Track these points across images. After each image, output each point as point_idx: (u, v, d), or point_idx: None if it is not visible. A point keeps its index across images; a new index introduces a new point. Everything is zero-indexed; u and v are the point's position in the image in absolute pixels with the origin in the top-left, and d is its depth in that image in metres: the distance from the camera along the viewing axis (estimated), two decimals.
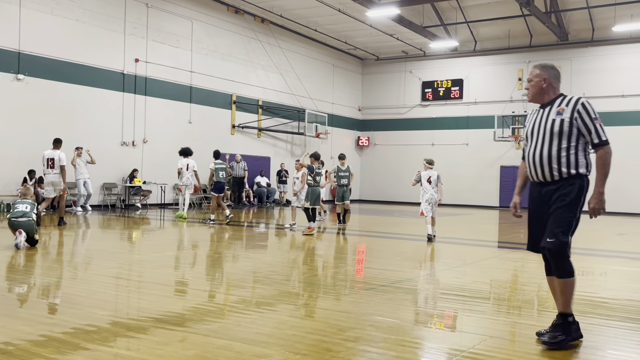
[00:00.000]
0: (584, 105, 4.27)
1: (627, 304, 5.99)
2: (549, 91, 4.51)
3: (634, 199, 24.48)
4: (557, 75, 4.55)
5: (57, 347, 3.94)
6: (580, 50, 25.83)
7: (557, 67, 4.62)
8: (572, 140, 4.26)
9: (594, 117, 4.24)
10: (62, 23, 17.35)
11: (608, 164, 4.26)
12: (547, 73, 4.51)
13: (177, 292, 6.20)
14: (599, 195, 4.25)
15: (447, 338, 4.63)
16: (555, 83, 4.52)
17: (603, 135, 4.24)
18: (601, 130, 4.24)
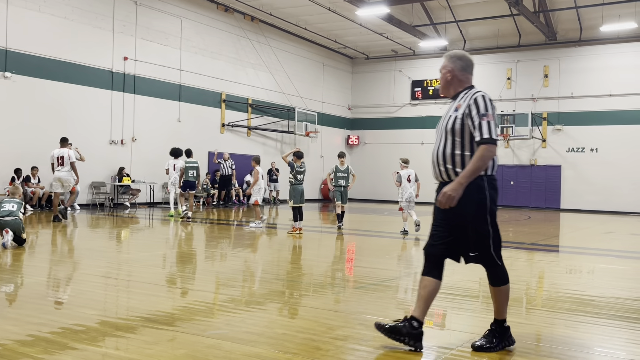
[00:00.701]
0: (476, 99, 3.95)
1: (614, 301, 6.04)
2: (454, 84, 4.18)
3: (621, 198, 24.69)
4: (465, 66, 4.16)
5: (44, 347, 3.91)
6: (569, 49, 26.00)
7: (468, 57, 4.21)
8: (466, 139, 3.97)
9: (483, 114, 3.89)
10: (50, 20, 17.22)
11: (484, 162, 3.86)
12: (453, 64, 4.16)
13: (167, 292, 6.18)
14: (456, 185, 3.87)
15: (436, 336, 4.65)
16: (461, 75, 4.16)
17: (487, 133, 3.87)
18: (486, 128, 3.88)
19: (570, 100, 26.00)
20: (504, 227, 16.04)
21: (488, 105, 3.94)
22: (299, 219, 12.23)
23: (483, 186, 3.96)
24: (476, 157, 3.87)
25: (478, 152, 3.87)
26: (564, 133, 26.19)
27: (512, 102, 27.01)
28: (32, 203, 16.43)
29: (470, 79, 4.19)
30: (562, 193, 26.15)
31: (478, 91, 4.04)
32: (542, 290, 6.89)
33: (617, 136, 24.99)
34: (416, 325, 4.05)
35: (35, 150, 16.91)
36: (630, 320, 5.13)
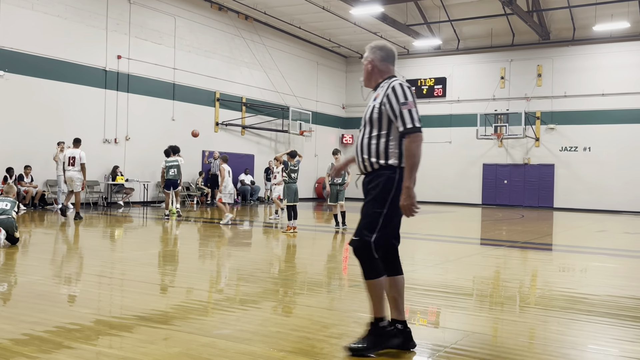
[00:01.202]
0: (394, 88, 3.81)
1: (607, 299, 6.08)
2: (374, 74, 4.06)
3: (614, 197, 24.82)
4: (385, 57, 4.04)
5: (38, 346, 3.91)
6: (562, 49, 26.10)
7: (389, 47, 4.08)
8: (384, 128, 3.83)
9: (403, 102, 3.75)
10: (43, 19, 17.15)
11: (415, 155, 3.72)
12: (373, 55, 4.05)
13: (161, 290, 6.18)
14: (406, 190, 3.73)
15: (430, 334, 4.67)
16: (382, 65, 4.03)
17: (410, 122, 3.72)
18: (408, 116, 3.72)
19: (563, 100, 26.10)
20: (497, 226, 16.10)
21: (407, 92, 3.80)
22: (293, 218, 12.23)
23: (394, 178, 3.83)
24: (406, 154, 3.74)
25: (405, 147, 3.74)
26: (557, 132, 26.29)
27: (505, 101, 27.10)
28: (25, 202, 16.36)
29: (391, 69, 4.05)
30: (555, 192, 26.26)
31: (396, 79, 3.91)
32: (535, 288, 6.93)
33: (610, 135, 25.11)
34: (401, 327, 3.97)
35: (29, 149, 16.86)
36: (623, 318, 5.17)
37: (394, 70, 4.07)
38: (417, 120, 3.75)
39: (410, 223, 16.84)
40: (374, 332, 3.89)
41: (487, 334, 4.65)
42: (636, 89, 24.59)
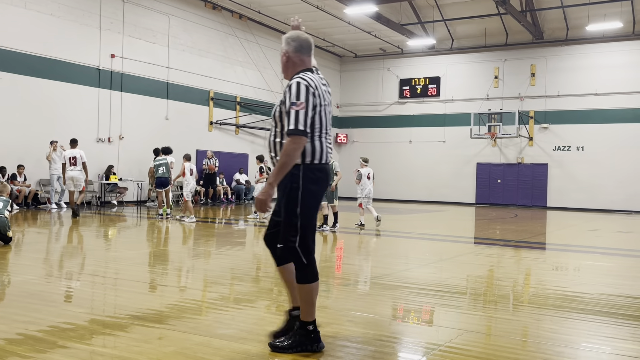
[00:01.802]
0: (290, 86, 3.72)
1: (600, 297, 6.11)
2: (289, 67, 3.94)
3: (607, 196, 24.94)
4: (299, 48, 3.92)
5: (32, 345, 3.89)
6: (555, 49, 26.20)
7: (303, 38, 3.95)
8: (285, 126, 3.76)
9: (292, 102, 3.66)
10: (36, 17, 17.07)
11: (289, 156, 3.61)
12: (287, 46, 3.93)
13: (155, 289, 6.17)
14: (267, 186, 3.65)
15: (424, 333, 4.68)
16: (295, 57, 3.91)
17: (293, 123, 3.63)
18: (293, 117, 3.64)
19: (556, 99, 26.20)
20: (491, 225, 16.15)
21: (301, 92, 3.68)
22: None
23: (298, 175, 3.74)
24: (282, 152, 3.65)
25: (284, 146, 3.66)
26: (550, 131, 26.39)
27: (499, 100, 27.17)
28: (18, 201, 16.29)
29: (305, 61, 3.94)
30: (548, 191, 26.36)
31: (298, 76, 3.79)
32: (529, 287, 6.95)
33: (603, 135, 25.22)
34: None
35: (21, 148, 16.78)
36: (616, 316, 5.20)
37: (310, 62, 3.97)
38: (302, 123, 3.64)
39: (405, 222, 16.88)
40: (301, 333, 3.85)
41: (481, 332, 4.67)
42: (629, 89, 24.71)
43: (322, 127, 3.83)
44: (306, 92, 3.69)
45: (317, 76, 3.89)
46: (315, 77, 3.85)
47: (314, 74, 3.87)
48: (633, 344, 4.37)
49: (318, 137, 3.80)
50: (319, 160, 3.80)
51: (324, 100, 3.83)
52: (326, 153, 3.86)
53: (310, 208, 3.78)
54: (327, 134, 3.89)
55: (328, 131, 3.90)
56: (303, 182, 3.74)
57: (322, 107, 3.80)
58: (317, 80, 3.83)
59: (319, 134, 3.81)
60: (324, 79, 4.03)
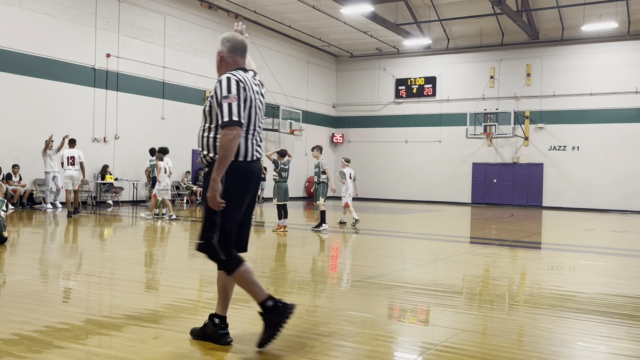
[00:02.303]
0: (220, 81, 3.79)
1: (595, 297, 6.13)
2: (223, 66, 4.03)
3: (602, 196, 25.02)
4: (233, 49, 4.01)
5: (28, 345, 3.88)
6: (551, 49, 26.26)
7: (237, 39, 4.06)
8: (213, 121, 3.83)
9: (225, 95, 3.71)
10: (31, 16, 17.01)
11: (226, 148, 3.65)
12: (222, 46, 4.03)
13: (150, 289, 6.16)
14: (211, 182, 3.68)
15: (420, 332, 4.69)
16: (229, 57, 4.01)
17: (227, 116, 3.68)
18: (227, 110, 3.69)
19: (552, 99, 26.26)
20: (487, 225, 16.16)
21: (232, 86, 3.75)
22: (283, 217, 12.22)
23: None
24: (219, 145, 3.70)
25: (220, 141, 3.70)
26: (546, 131, 26.46)
27: (495, 100, 27.22)
28: (14, 201, 16.24)
29: (239, 61, 4.03)
30: (544, 191, 26.42)
31: (228, 72, 3.88)
32: (524, 286, 6.97)
33: (598, 134, 25.30)
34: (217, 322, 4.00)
35: (17, 148, 16.73)
36: (611, 316, 5.21)
37: (244, 63, 4.06)
38: (235, 114, 3.70)
39: (401, 222, 16.89)
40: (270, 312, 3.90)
41: (477, 331, 4.68)
42: (624, 89, 24.79)
43: (249, 125, 3.88)
44: (237, 86, 3.77)
45: (249, 76, 3.96)
46: (247, 76, 3.93)
47: (246, 74, 3.96)
48: (628, 343, 4.38)
49: (244, 135, 3.84)
50: (243, 157, 3.84)
51: (254, 99, 3.90)
52: (252, 151, 3.91)
53: (231, 206, 3.80)
54: (256, 132, 3.96)
55: (257, 129, 3.96)
56: (225, 179, 3.75)
57: (251, 104, 3.87)
58: (249, 80, 3.91)
59: (245, 132, 3.85)
60: (259, 81, 4.12)
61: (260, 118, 4.02)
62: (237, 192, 3.84)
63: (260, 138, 4.02)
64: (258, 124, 3.97)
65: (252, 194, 4.02)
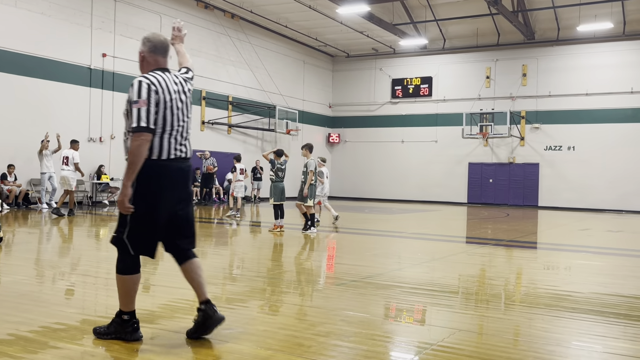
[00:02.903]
0: (132, 85, 3.84)
1: (591, 296, 6.14)
2: (144, 66, 4.07)
3: (597, 196, 25.08)
4: (153, 48, 4.05)
5: (23, 346, 3.87)
6: (546, 49, 26.32)
7: (157, 39, 4.08)
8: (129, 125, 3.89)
9: (135, 100, 3.77)
10: (27, 16, 16.96)
11: (134, 154, 3.73)
12: (143, 46, 4.07)
13: (147, 289, 6.14)
14: (122, 187, 3.79)
15: (416, 332, 4.69)
16: (150, 57, 4.05)
17: (135, 121, 3.74)
18: (136, 116, 3.74)
19: (548, 99, 26.32)
20: (483, 225, 16.18)
21: (142, 90, 3.79)
22: (280, 217, 12.20)
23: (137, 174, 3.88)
24: (129, 150, 3.78)
25: (130, 144, 3.76)
26: (541, 131, 26.51)
27: (491, 100, 27.26)
28: (9, 201, 16.19)
29: (159, 61, 4.07)
30: (539, 191, 26.48)
31: (142, 75, 3.93)
32: (520, 286, 6.98)
33: (594, 135, 25.37)
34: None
35: (12, 148, 16.67)
36: (606, 315, 5.23)
37: (165, 62, 4.10)
38: (144, 119, 3.75)
39: (397, 222, 16.91)
40: (117, 321, 4.01)
41: (473, 331, 4.68)
42: (619, 89, 24.86)
43: (165, 125, 3.89)
44: (147, 90, 3.80)
45: (168, 76, 4.00)
46: (164, 76, 3.96)
47: (165, 74, 3.99)
48: (624, 343, 4.40)
49: (159, 134, 3.87)
50: (157, 156, 3.88)
51: (170, 100, 3.92)
52: (168, 149, 3.92)
53: (146, 203, 3.86)
54: (175, 130, 3.96)
55: (176, 128, 3.96)
56: (139, 177, 3.81)
57: (166, 105, 3.89)
58: (166, 80, 3.95)
59: (161, 132, 3.88)
60: (183, 78, 4.14)
61: (183, 116, 4.04)
62: (150, 190, 3.88)
63: (183, 136, 4.04)
64: (178, 122, 3.98)
65: (177, 192, 4.05)
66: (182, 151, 4.02)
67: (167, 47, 4.12)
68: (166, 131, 3.91)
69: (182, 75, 4.19)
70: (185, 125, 4.05)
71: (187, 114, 4.07)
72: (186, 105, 4.08)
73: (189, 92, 4.15)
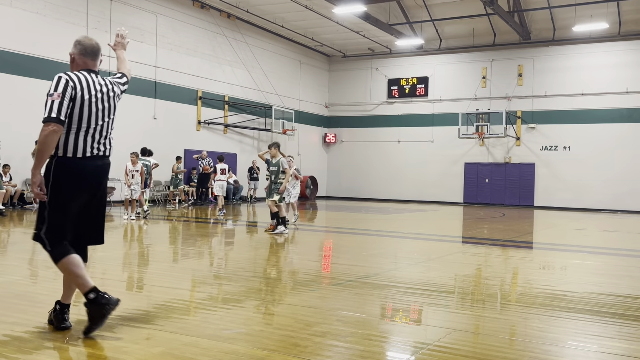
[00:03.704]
0: (53, 79, 4.05)
1: (586, 296, 6.16)
2: (74, 67, 4.28)
3: (593, 195, 25.15)
4: (83, 51, 4.27)
5: (18, 347, 3.85)
6: (542, 49, 26.38)
7: (86, 42, 4.32)
8: None
9: (50, 93, 3.96)
10: (22, 15, 16.91)
11: (42, 143, 3.89)
12: (74, 48, 4.30)
13: (143, 290, 6.13)
14: (31, 175, 3.96)
15: (413, 332, 4.69)
16: (79, 59, 4.27)
17: (47, 112, 3.92)
18: (48, 107, 3.94)
19: (543, 99, 26.38)
20: (479, 225, 16.21)
21: (59, 84, 3.98)
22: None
23: (49, 168, 4.06)
24: (38, 141, 3.94)
25: (39, 135, 3.93)
26: (537, 131, 26.57)
27: (487, 100, 27.31)
28: (4, 201, 16.12)
29: (88, 63, 4.27)
30: (535, 191, 26.53)
31: (64, 72, 4.12)
32: (516, 286, 6.99)
33: (590, 135, 25.44)
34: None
35: (7, 148, 16.59)
36: (602, 315, 5.24)
37: (94, 65, 4.30)
38: (55, 111, 3.90)
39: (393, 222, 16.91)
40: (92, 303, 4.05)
41: (469, 331, 4.69)
42: (615, 89, 24.93)
43: (81, 122, 4.05)
44: (64, 85, 3.99)
45: (93, 77, 4.20)
46: (88, 76, 4.16)
47: (91, 75, 4.19)
48: (619, 342, 4.40)
49: (75, 132, 4.03)
50: (72, 153, 4.03)
51: (89, 98, 4.08)
52: (83, 147, 4.07)
53: (60, 200, 4.01)
54: (93, 129, 4.11)
55: (96, 127, 4.13)
56: (53, 174, 4.01)
57: (83, 103, 4.05)
58: (88, 79, 4.13)
59: (76, 129, 4.04)
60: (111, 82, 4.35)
61: (104, 116, 4.19)
62: (62, 186, 4.02)
63: (103, 135, 4.18)
64: (97, 122, 4.14)
65: (91, 189, 4.17)
66: (99, 149, 4.18)
67: (97, 51, 4.33)
68: (82, 128, 4.06)
69: (114, 79, 4.42)
70: (105, 124, 4.20)
71: (108, 114, 4.24)
72: (110, 107, 4.27)
73: (116, 96, 4.38)
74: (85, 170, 4.10)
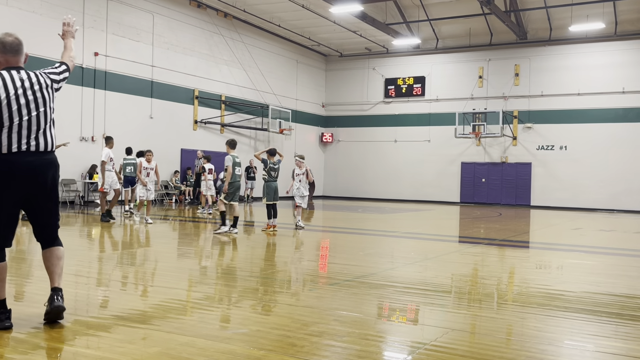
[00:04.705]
0: None
1: (583, 295, 6.17)
2: None
3: (589, 195, 25.20)
4: (3, 48, 4.33)
5: (14, 347, 3.84)
6: (539, 49, 26.42)
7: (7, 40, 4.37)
8: None
9: None
10: (18, 14, 16.85)
11: None
12: None
13: (139, 290, 6.12)
14: None
15: (409, 331, 4.69)
16: (1, 57, 4.34)
17: None
18: None
19: (540, 99, 26.42)
20: (475, 224, 16.23)
21: None
22: (273, 217, 12.18)
23: None
24: None
25: None
26: (534, 131, 26.61)
27: (483, 100, 27.34)
28: None
29: (10, 60, 4.33)
30: (532, 190, 26.58)
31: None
32: (513, 285, 7.00)
33: (586, 134, 25.49)
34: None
35: None
36: (599, 314, 5.25)
37: (15, 62, 4.35)
38: None
39: (390, 221, 16.92)
40: None
41: (466, 330, 4.69)
42: (611, 89, 24.99)
43: (2, 121, 4.08)
44: None
45: (14, 73, 4.23)
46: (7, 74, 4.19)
47: (11, 72, 4.23)
48: (615, 341, 4.41)
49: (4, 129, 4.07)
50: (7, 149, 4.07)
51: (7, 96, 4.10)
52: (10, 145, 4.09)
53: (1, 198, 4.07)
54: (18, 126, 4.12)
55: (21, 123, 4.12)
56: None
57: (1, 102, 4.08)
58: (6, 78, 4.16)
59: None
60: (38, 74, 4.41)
61: (28, 110, 4.19)
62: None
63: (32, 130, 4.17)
64: (21, 117, 4.14)
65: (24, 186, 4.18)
66: (30, 145, 4.16)
67: (17, 46, 4.36)
68: (4, 126, 4.08)
69: (46, 70, 4.48)
70: (32, 118, 4.19)
71: (36, 107, 4.22)
72: (37, 99, 4.25)
73: (46, 88, 4.36)
74: (14, 167, 4.10)
